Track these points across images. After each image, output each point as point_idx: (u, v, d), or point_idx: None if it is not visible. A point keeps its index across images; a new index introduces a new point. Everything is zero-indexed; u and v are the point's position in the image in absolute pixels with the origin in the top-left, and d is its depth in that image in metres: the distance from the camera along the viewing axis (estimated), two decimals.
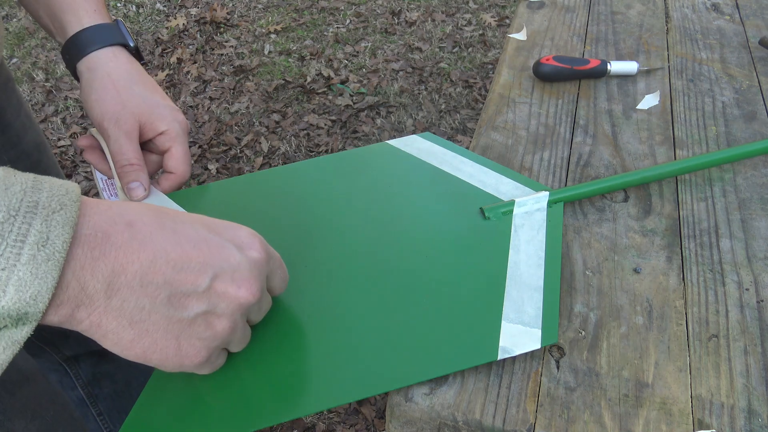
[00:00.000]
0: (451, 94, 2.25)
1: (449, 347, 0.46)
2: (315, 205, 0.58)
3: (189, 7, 2.76)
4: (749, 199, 0.60)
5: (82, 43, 0.57)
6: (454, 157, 0.63)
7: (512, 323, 0.47)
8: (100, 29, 0.58)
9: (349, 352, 0.46)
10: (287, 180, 0.61)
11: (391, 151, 0.64)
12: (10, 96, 0.69)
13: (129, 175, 0.55)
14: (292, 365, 0.45)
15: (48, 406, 0.69)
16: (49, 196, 0.32)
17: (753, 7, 0.89)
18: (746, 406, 0.44)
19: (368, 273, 0.52)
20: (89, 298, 0.33)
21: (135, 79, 0.58)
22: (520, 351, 0.45)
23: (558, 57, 0.74)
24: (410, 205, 0.57)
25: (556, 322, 0.47)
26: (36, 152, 0.73)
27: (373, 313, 0.49)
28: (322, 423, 1.30)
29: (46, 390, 0.70)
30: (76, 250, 0.33)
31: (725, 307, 0.50)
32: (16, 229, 0.30)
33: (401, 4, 2.79)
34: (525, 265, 0.52)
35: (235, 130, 2.10)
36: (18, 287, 0.30)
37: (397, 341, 0.46)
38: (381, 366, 0.45)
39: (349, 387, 0.44)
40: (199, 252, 0.37)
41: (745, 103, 0.72)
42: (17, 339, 0.31)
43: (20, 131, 0.70)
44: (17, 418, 0.64)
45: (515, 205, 0.56)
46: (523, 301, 0.49)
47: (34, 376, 0.68)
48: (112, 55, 0.58)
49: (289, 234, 0.55)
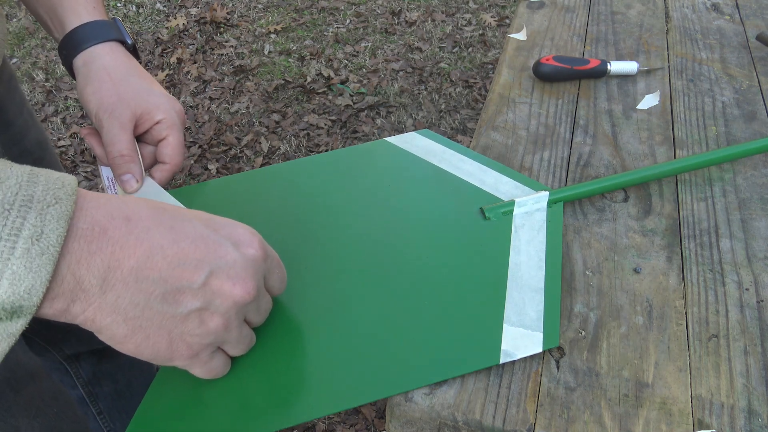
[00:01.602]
0: (451, 94, 2.25)
1: (451, 351, 0.46)
2: (313, 203, 0.57)
3: (189, 7, 2.76)
4: (749, 199, 0.60)
5: (79, 39, 0.57)
6: (453, 155, 0.62)
7: (514, 326, 0.47)
8: (97, 25, 0.58)
9: (350, 357, 0.46)
10: (286, 178, 0.60)
11: (390, 148, 0.63)
12: (13, 94, 0.70)
13: (121, 167, 0.54)
14: (294, 370, 0.45)
15: (51, 404, 0.69)
16: (44, 190, 0.32)
17: (753, 7, 0.89)
18: (746, 406, 0.44)
19: (368, 275, 0.51)
20: (84, 292, 0.33)
21: (131, 71, 0.58)
22: (522, 354, 0.45)
23: (558, 57, 0.74)
24: (409, 205, 0.57)
25: (557, 325, 0.47)
26: (38, 150, 0.73)
27: (373, 316, 0.48)
28: (322, 423, 1.30)
29: (49, 388, 0.70)
30: (73, 243, 0.33)
31: (725, 307, 0.50)
32: (10, 223, 0.30)
33: (401, 4, 2.79)
34: (526, 266, 0.51)
35: (235, 130, 2.10)
36: (12, 281, 0.30)
37: (398, 345, 0.46)
38: (382, 370, 0.45)
39: (351, 392, 0.43)
40: (195, 249, 0.37)
41: (745, 103, 0.72)
42: (12, 332, 0.31)
43: (23, 129, 0.70)
44: (21, 416, 0.64)
45: (515, 205, 0.56)
46: (525, 304, 0.48)
47: (39, 375, 0.68)
48: (109, 49, 0.58)
49: (287, 233, 0.55)
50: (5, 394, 0.62)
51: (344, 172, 0.61)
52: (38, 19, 0.62)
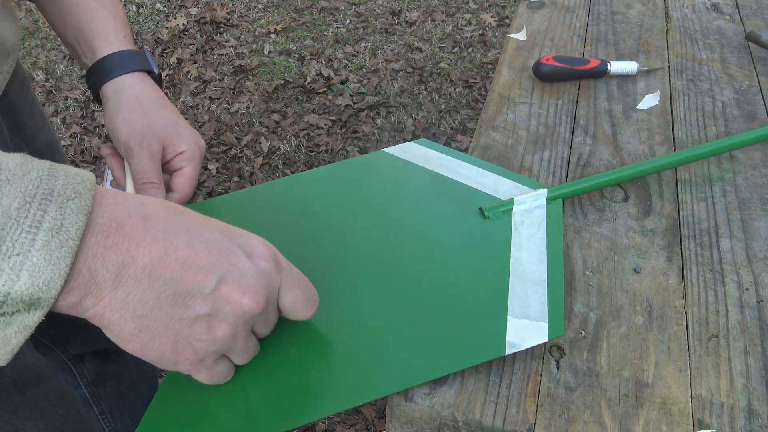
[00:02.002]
0: (451, 94, 2.25)
1: (457, 346, 0.46)
2: (315, 215, 0.58)
3: (189, 7, 2.76)
4: (749, 199, 0.60)
5: (109, 67, 0.59)
6: (451, 160, 0.63)
7: (518, 318, 0.48)
8: (127, 55, 0.60)
9: (357, 357, 0.46)
10: (287, 192, 0.61)
11: (389, 158, 0.64)
12: (26, 95, 0.70)
13: (148, 192, 0.56)
14: (298, 372, 0.45)
15: (57, 405, 0.69)
16: (64, 184, 0.32)
17: (753, 7, 0.89)
18: (746, 406, 0.44)
19: (373, 279, 0.52)
20: (97, 286, 0.34)
21: (160, 102, 0.60)
22: (528, 345, 0.46)
23: (558, 57, 0.74)
24: (411, 210, 0.58)
25: (562, 315, 0.47)
26: (49, 151, 0.74)
27: (379, 317, 0.49)
28: (322, 423, 1.30)
29: (55, 388, 0.70)
30: (90, 238, 0.33)
31: (725, 307, 0.50)
32: (32, 216, 0.31)
33: (401, 4, 2.79)
34: (527, 261, 0.52)
35: (235, 130, 2.10)
36: (32, 273, 0.30)
37: (404, 343, 0.47)
38: (389, 368, 0.45)
39: (358, 391, 0.44)
40: (209, 253, 0.37)
41: (745, 103, 0.72)
42: (29, 324, 0.32)
43: (34, 130, 0.71)
44: (27, 417, 0.64)
45: (514, 204, 0.57)
46: (528, 296, 0.49)
47: (45, 375, 0.68)
48: (138, 79, 0.60)
49: (292, 244, 0.55)
50: (11, 396, 0.62)
51: (344, 183, 0.62)
52: (64, 41, 0.64)
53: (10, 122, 0.65)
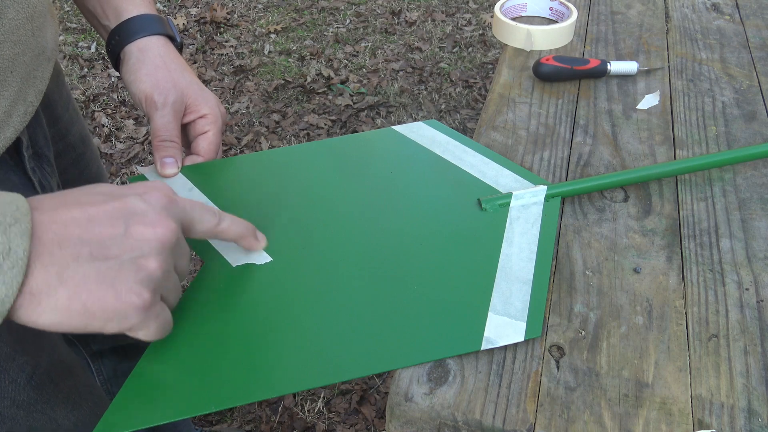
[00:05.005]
0: (451, 94, 2.25)
1: (435, 334, 0.47)
2: (314, 186, 0.59)
3: (189, 7, 2.76)
4: (749, 199, 0.60)
5: (135, 28, 0.61)
6: (457, 146, 0.64)
7: (498, 315, 0.48)
8: (153, 19, 0.62)
9: (336, 334, 0.46)
10: (290, 160, 0.62)
11: (396, 137, 0.65)
12: (61, 90, 0.71)
13: (167, 150, 0.58)
14: (278, 344, 0.46)
15: (87, 398, 0.71)
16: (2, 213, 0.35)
17: (753, 7, 0.89)
18: (746, 406, 0.44)
19: (361, 256, 0.52)
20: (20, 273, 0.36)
21: (184, 66, 0.61)
22: (504, 342, 0.46)
23: (558, 57, 0.74)
24: (409, 192, 0.58)
25: (541, 317, 0.48)
26: (81, 145, 0.75)
27: (362, 295, 0.49)
28: (322, 423, 1.30)
29: (85, 383, 0.71)
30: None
31: (725, 307, 0.50)
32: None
33: (401, 4, 2.79)
34: (516, 257, 0.52)
35: (235, 130, 2.11)
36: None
37: (384, 325, 0.47)
38: (365, 349, 0.46)
39: (333, 368, 0.44)
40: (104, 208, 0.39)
41: (745, 103, 0.72)
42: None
43: (68, 124, 0.72)
44: (60, 408, 0.66)
45: (512, 198, 0.57)
46: (511, 294, 0.49)
47: (76, 369, 0.70)
48: (163, 42, 0.62)
49: (287, 213, 0.56)
50: (46, 387, 0.64)
51: (348, 156, 0.62)
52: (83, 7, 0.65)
53: (47, 114, 0.67)
